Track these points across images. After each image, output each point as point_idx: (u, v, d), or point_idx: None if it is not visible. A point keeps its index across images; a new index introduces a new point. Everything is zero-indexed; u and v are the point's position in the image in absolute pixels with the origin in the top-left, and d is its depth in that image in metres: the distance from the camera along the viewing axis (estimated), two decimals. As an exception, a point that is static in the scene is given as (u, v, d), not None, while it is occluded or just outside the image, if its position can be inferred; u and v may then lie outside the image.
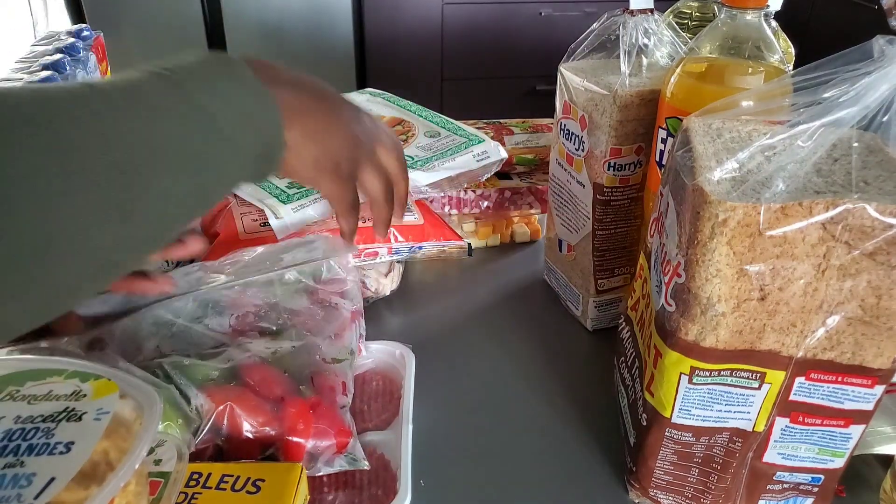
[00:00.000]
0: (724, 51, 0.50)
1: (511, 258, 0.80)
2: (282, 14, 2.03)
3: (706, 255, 0.37)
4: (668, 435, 0.44)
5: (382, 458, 0.50)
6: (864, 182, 0.37)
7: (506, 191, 0.80)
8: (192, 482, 0.40)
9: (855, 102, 0.37)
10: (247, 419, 0.45)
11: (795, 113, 0.39)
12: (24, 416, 0.35)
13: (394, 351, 0.60)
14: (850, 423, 0.41)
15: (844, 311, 0.38)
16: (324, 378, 0.49)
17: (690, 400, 0.42)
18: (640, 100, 0.56)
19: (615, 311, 0.67)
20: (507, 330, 0.68)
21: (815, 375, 0.40)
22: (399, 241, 0.66)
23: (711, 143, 0.41)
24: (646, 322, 0.47)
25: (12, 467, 0.32)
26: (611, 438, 0.54)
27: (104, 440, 0.33)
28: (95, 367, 0.38)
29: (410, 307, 0.71)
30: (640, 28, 0.58)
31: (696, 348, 0.40)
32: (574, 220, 0.65)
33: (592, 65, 0.61)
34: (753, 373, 0.40)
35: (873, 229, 0.35)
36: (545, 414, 0.57)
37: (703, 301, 0.38)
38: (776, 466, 0.44)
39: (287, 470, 0.42)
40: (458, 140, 0.72)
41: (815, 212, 0.36)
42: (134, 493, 0.34)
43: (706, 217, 0.37)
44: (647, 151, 0.59)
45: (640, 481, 0.48)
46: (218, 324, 0.52)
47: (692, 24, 0.66)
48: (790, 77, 0.41)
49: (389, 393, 0.57)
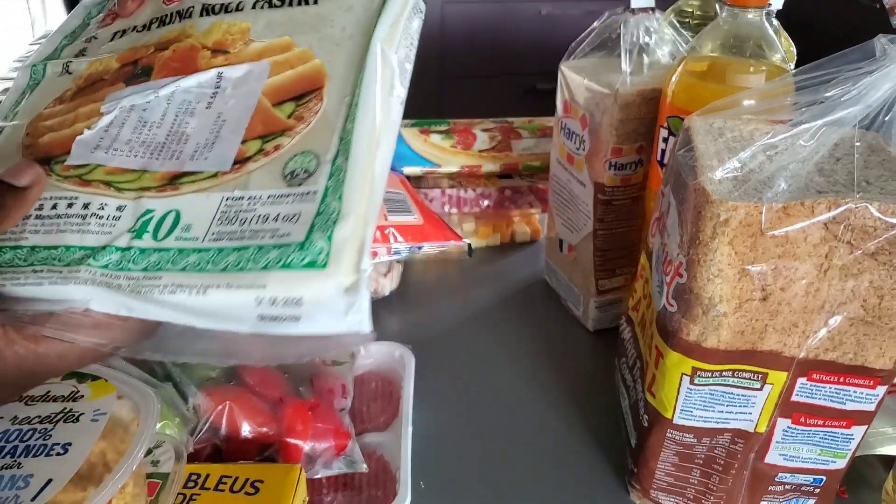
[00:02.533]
0: (725, 50, 0.50)
1: (511, 258, 0.80)
2: (282, 13, 2.03)
3: (708, 254, 0.37)
4: (670, 436, 0.44)
5: (382, 459, 0.50)
6: (866, 182, 0.37)
7: (506, 190, 0.79)
8: (190, 483, 0.40)
9: (857, 102, 0.37)
10: (245, 419, 0.45)
11: (797, 112, 0.38)
12: (21, 417, 0.35)
13: (393, 351, 0.59)
14: (851, 423, 0.41)
15: (846, 312, 0.37)
16: (323, 380, 0.49)
17: (692, 401, 0.42)
18: (641, 99, 0.56)
19: (616, 311, 0.66)
20: (508, 330, 0.67)
21: (817, 376, 0.39)
22: (399, 241, 0.66)
23: (713, 142, 0.41)
24: (647, 322, 0.46)
25: (9, 469, 0.32)
26: (612, 439, 0.54)
27: (101, 441, 0.33)
28: (92, 368, 0.38)
29: (410, 307, 0.71)
30: (642, 27, 0.57)
31: (698, 349, 0.40)
32: (575, 220, 0.65)
33: (593, 64, 0.61)
34: (755, 373, 0.40)
35: (875, 229, 0.35)
36: (546, 415, 0.57)
37: (704, 301, 0.38)
38: (778, 467, 0.44)
39: (286, 471, 0.41)
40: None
41: (818, 211, 0.35)
42: (131, 494, 0.34)
43: (708, 217, 0.36)
44: (648, 151, 0.58)
45: (641, 483, 0.47)
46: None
47: (693, 22, 0.66)
48: (792, 76, 0.41)
49: (389, 394, 0.57)
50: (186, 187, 0.31)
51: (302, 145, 0.30)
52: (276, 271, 0.27)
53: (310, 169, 0.30)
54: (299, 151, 0.30)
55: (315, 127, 0.31)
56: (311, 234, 0.27)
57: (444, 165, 0.78)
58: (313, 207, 0.28)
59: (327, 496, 0.47)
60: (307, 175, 0.29)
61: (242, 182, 0.30)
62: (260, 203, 0.29)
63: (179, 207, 0.30)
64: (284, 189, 0.29)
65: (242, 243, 0.28)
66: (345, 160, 0.29)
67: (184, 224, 0.30)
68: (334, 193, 0.28)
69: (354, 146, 0.30)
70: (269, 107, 0.32)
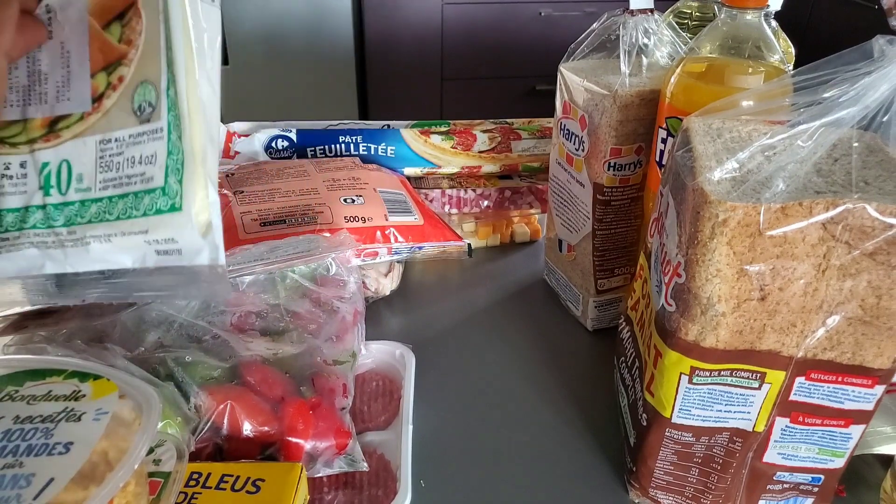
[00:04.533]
0: (724, 51, 0.50)
1: (511, 258, 0.80)
2: (282, 14, 2.03)
3: (706, 255, 0.37)
4: (668, 435, 0.44)
5: (382, 458, 0.50)
6: (864, 182, 0.37)
7: (506, 190, 0.80)
8: (191, 482, 0.40)
9: (855, 102, 0.37)
10: (247, 419, 0.45)
11: (795, 113, 0.39)
12: (24, 416, 0.35)
13: (394, 351, 0.60)
14: (850, 423, 0.41)
15: (844, 311, 0.37)
16: (324, 379, 0.49)
17: (690, 400, 0.42)
18: (640, 100, 0.56)
19: (615, 311, 0.67)
20: (508, 330, 0.68)
21: (815, 375, 0.40)
22: (399, 241, 0.66)
23: (711, 142, 0.41)
24: (646, 322, 0.46)
25: (11, 468, 0.32)
26: (611, 438, 0.54)
27: (103, 440, 0.33)
28: (94, 367, 0.38)
29: (410, 307, 0.71)
30: (640, 28, 0.58)
31: (696, 348, 0.40)
32: (574, 220, 0.65)
33: (592, 65, 0.61)
34: (753, 373, 0.40)
35: (873, 229, 0.35)
36: (545, 414, 0.57)
37: (703, 301, 0.38)
38: (776, 466, 0.44)
39: (287, 470, 0.42)
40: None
41: (816, 212, 0.36)
42: (133, 493, 0.34)
43: (706, 217, 0.37)
44: (647, 151, 0.59)
45: (640, 481, 0.48)
46: (220, 321, 0.52)
47: (692, 23, 0.66)
48: (790, 77, 0.41)
49: (389, 393, 0.57)
50: (65, 133, 0.33)
51: (139, 75, 0.32)
52: (152, 217, 0.31)
53: (152, 101, 0.31)
54: (139, 82, 0.32)
55: (144, 52, 0.32)
56: (168, 178, 0.30)
57: (445, 166, 0.78)
58: (163, 146, 0.31)
59: (328, 495, 0.47)
60: (151, 109, 0.31)
61: (105, 123, 0.32)
62: (125, 145, 0.32)
63: (68, 157, 0.33)
64: (138, 127, 0.31)
65: (123, 190, 0.31)
66: (174, 91, 0.31)
67: (76, 174, 0.32)
68: (175, 130, 0.31)
69: (178, 72, 0.31)
70: (101, 31, 0.33)
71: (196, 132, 0.31)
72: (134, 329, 0.50)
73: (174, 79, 0.31)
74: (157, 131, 0.31)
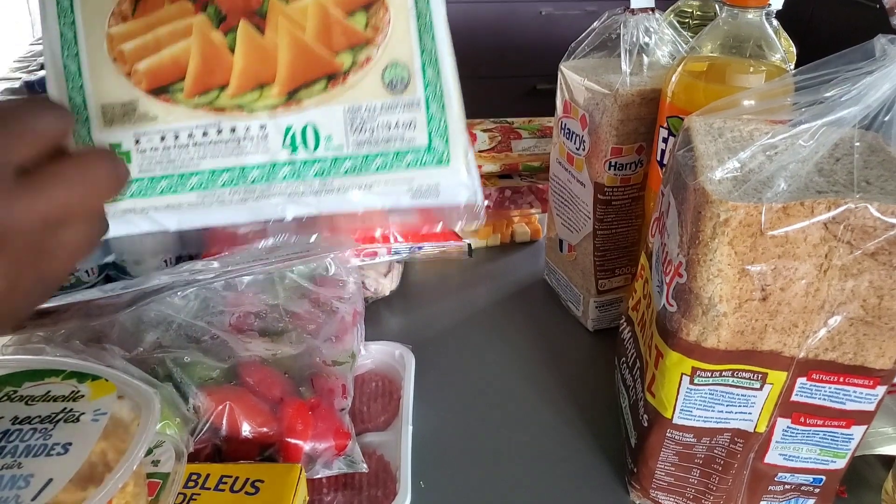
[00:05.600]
0: (725, 50, 0.50)
1: (511, 258, 0.80)
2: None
3: (708, 254, 0.37)
4: (670, 436, 0.44)
5: (382, 459, 0.50)
6: (865, 182, 0.37)
7: (506, 190, 0.79)
8: (190, 483, 0.40)
9: (857, 102, 0.37)
10: (246, 419, 0.45)
11: (797, 112, 0.38)
12: (22, 416, 0.35)
13: (393, 351, 0.59)
14: (851, 423, 0.41)
15: (846, 312, 0.37)
16: (323, 380, 0.49)
17: (692, 401, 0.42)
18: (641, 99, 0.56)
19: (616, 311, 0.66)
20: (508, 330, 0.68)
21: (816, 376, 0.39)
22: (399, 241, 0.66)
23: (713, 142, 0.41)
24: (647, 322, 0.46)
25: (10, 468, 0.31)
26: (611, 439, 0.54)
27: (102, 441, 0.33)
28: (93, 368, 0.38)
29: (410, 307, 0.71)
30: (641, 27, 0.57)
31: (698, 349, 0.40)
32: (575, 220, 0.65)
33: (593, 64, 0.61)
34: (755, 373, 0.40)
35: (875, 229, 0.35)
36: (546, 415, 0.57)
37: (704, 301, 0.38)
38: (777, 467, 0.44)
39: (286, 471, 0.41)
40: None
41: (817, 211, 0.35)
42: (132, 493, 0.34)
43: (708, 217, 0.37)
44: (648, 151, 0.58)
45: (640, 482, 0.48)
46: (219, 321, 0.52)
47: (693, 22, 0.66)
48: (791, 76, 0.41)
49: (389, 393, 0.57)
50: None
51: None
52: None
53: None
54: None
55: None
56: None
57: (445, 165, 0.78)
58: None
59: (327, 496, 0.47)
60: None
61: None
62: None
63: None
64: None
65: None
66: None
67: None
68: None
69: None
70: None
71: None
72: (132, 329, 0.50)
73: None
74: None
